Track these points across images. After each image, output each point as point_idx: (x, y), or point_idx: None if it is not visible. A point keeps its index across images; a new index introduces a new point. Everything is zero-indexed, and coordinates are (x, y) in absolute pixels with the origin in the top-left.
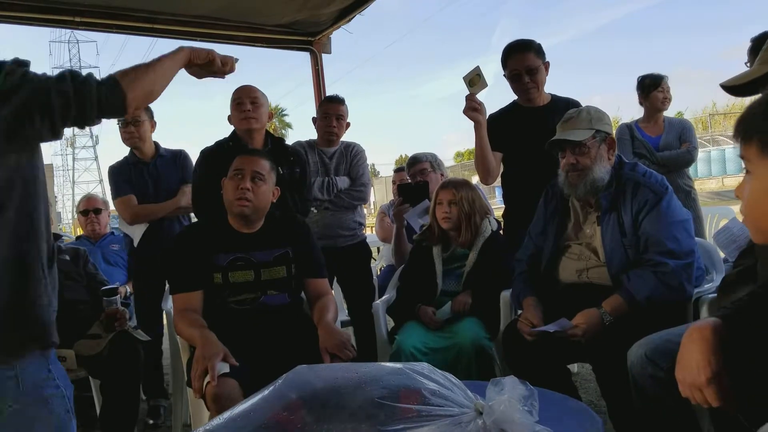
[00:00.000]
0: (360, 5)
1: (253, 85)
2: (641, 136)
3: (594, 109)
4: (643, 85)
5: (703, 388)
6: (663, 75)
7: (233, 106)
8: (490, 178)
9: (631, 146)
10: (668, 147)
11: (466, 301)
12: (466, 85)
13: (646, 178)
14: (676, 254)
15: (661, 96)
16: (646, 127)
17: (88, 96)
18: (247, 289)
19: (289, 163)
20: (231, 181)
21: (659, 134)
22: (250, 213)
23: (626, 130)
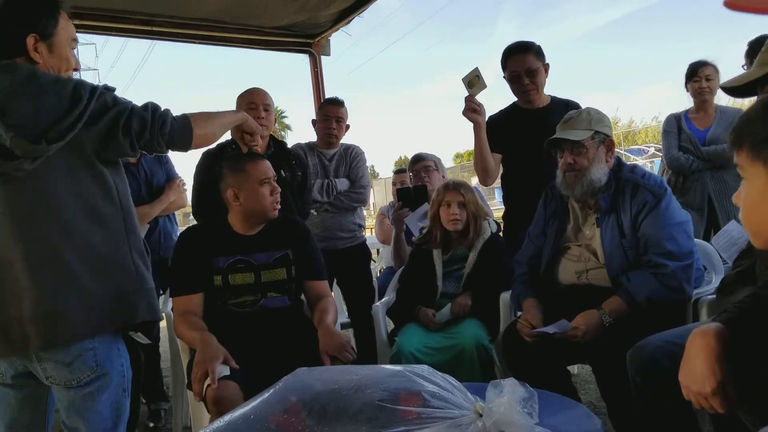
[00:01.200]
0: (359, 7)
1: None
2: (688, 128)
3: (594, 110)
4: (686, 74)
5: (709, 397)
6: (704, 61)
7: (244, 108)
8: (489, 179)
9: (678, 139)
10: (715, 140)
11: (466, 303)
12: (465, 87)
13: (645, 179)
14: (676, 255)
15: (698, 86)
16: (696, 118)
17: (162, 125)
18: (247, 292)
19: (291, 166)
20: (263, 187)
21: (708, 126)
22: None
23: (673, 122)
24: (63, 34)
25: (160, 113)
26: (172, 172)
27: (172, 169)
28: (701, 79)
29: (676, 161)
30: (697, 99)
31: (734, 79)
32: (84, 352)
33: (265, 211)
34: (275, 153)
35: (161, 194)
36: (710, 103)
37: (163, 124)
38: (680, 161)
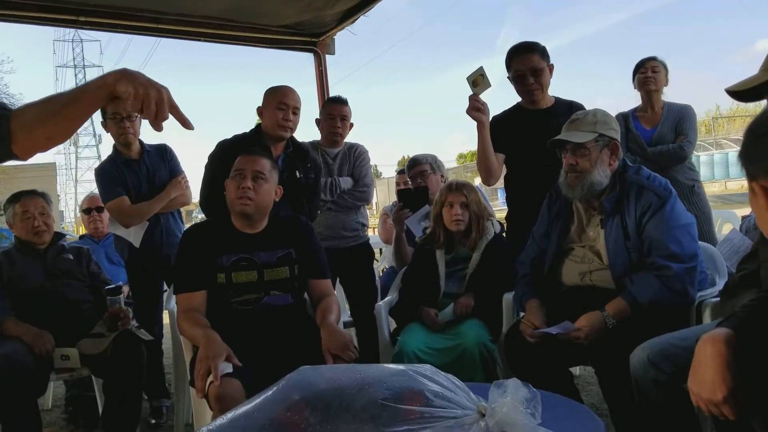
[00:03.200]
0: (364, 6)
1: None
2: (635, 128)
3: (602, 112)
4: (633, 71)
5: (720, 404)
6: (653, 57)
7: (273, 106)
8: (492, 179)
9: (625, 139)
10: (662, 140)
11: (469, 304)
12: (470, 86)
13: (650, 181)
14: (680, 258)
15: (643, 77)
16: (643, 116)
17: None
18: (250, 290)
19: (306, 168)
20: (232, 180)
21: (655, 125)
22: (252, 212)
23: (621, 121)
24: None
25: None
26: (176, 168)
27: (176, 165)
28: (647, 70)
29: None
30: (642, 90)
31: (740, 83)
32: None
33: (230, 205)
34: (293, 153)
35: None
36: (657, 98)
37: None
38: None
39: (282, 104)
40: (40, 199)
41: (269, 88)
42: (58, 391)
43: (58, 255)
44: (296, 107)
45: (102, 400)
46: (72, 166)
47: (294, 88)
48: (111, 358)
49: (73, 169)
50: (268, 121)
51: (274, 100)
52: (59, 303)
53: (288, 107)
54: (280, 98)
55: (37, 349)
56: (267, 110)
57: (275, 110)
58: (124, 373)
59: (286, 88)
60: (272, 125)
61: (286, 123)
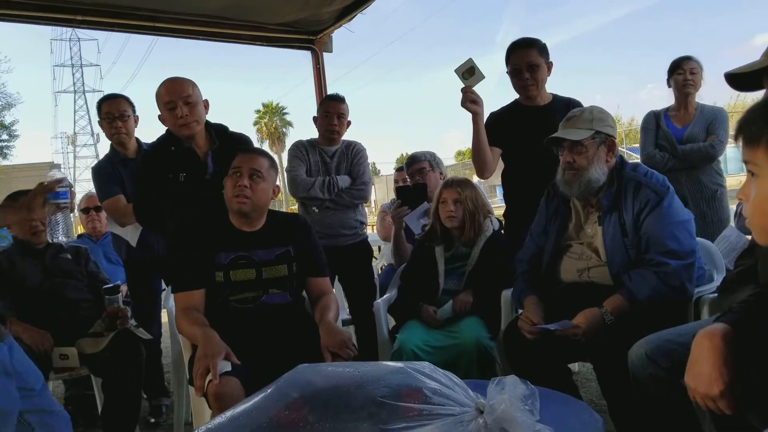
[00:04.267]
0: (361, 4)
1: (184, 77)
2: (666, 125)
3: (598, 109)
4: (669, 69)
5: (717, 399)
6: (689, 56)
7: (164, 108)
8: (487, 172)
9: (655, 137)
10: (693, 139)
11: (468, 301)
12: (460, 78)
13: (648, 178)
14: (678, 254)
15: (682, 78)
16: (675, 115)
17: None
18: (248, 288)
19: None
20: (230, 179)
21: (687, 124)
22: (248, 210)
23: (652, 119)
24: None
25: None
26: None
27: None
28: (685, 71)
29: (651, 159)
30: (680, 93)
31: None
32: None
33: (227, 204)
34: (220, 148)
35: None
36: (692, 99)
37: None
38: (655, 159)
39: (169, 103)
40: None
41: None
42: (57, 390)
43: (57, 255)
44: (186, 95)
45: (101, 399)
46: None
47: (180, 77)
48: (110, 357)
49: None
50: (171, 126)
51: (161, 102)
52: (58, 302)
53: (176, 103)
54: (163, 97)
55: (36, 348)
56: (163, 115)
57: (168, 112)
58: (122, 372)
59: (167, 83)
60: (176, 128)
61: (185, 119)
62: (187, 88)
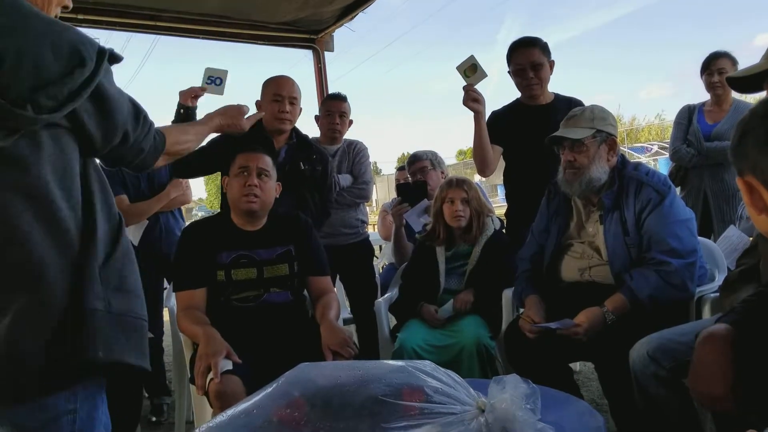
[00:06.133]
0: (362, 3)
1: (289, 77)
2: (698, 121)
3: (599, 108)
4: (701, 67)
5: (720, 399)
6: (719, 52)
7: (269, 98)
8: (488, 170)
9: (685, 131)
10: (720, 137)
11: (469, 300)
12: (462, 75)
13: (649, 177)
14: (679, 253)
15: (709, 80)
16: (710, 111)
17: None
18: (249, 287)
19: (312, 160)
20: (237, 178)
21: (718, 121)
22: (257, 209)
23: (685, 114)
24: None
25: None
26: None
27: None
28: (713, 72)
29: (677, 153)
30: (710, 92)
31: (741, 70)
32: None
33: (234, 203)
34: (296, 145)
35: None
36: (725, 97)
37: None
38: (680, 153)
39: (277, 96)
40: None
41: (265, 80)
42: None
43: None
44: (293, 97)
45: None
46: None
47: (291, 78)
48: None
49: None
50: (267, 115)
51: (270, 92)
52: None
53: (284, 98)
54: (275, 89)
55: None
56: (264, 103)
57: (272, 102)
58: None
59: (281, 79)
60: (270, 118)
61: (283, 115)
62: (296, 91)
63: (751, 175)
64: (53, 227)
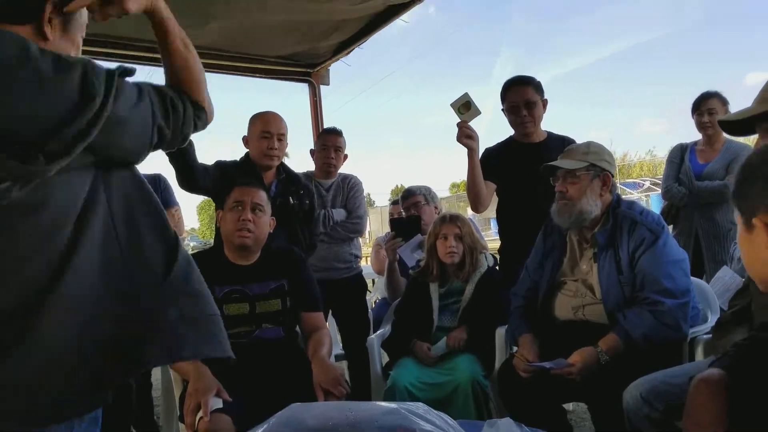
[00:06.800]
0: (359, 38)
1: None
2: (689, 160)
3: (596, 144)
4: (692, 107)
5: None
6: (709, 93)
7: (257, 134)
8: (481, 206)
9: (677, 170)
10: (711, 176)
11: (462, 337)
12: (455, 112)
13: (643, 216)
14: (673, 293)
15: (699, 120)
16: (702, 150)
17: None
18: (241, 323)
19: (299, 195)
20: (231, 212)
21: (709, 161)
22: (251, 244)
23: (678, 152)
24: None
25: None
26: (169, 200)
27: (170, 196)
28: (704, 112)
29: (669, 192)
30: (702, 132)
31: (734, 114)
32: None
33: (228, 237)
34: (285, 180)
35: None
36: (716, 137)
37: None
38: (672, 192)
39: (266, 132)
40: None
41: (252, 116)
42: None
43: None
44: (281, 134)
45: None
46: None
47: (278, 114)
48: None
49: None
50: (255, 151)
51: (258, 129)
52: None
53: (272, 135)
54: (263, 126)
55: None
56: (252, 139)
57: (260, 139)
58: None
59: (269, 115)
60: (258, 154)
61: (271, 152)
62: (284, 127)
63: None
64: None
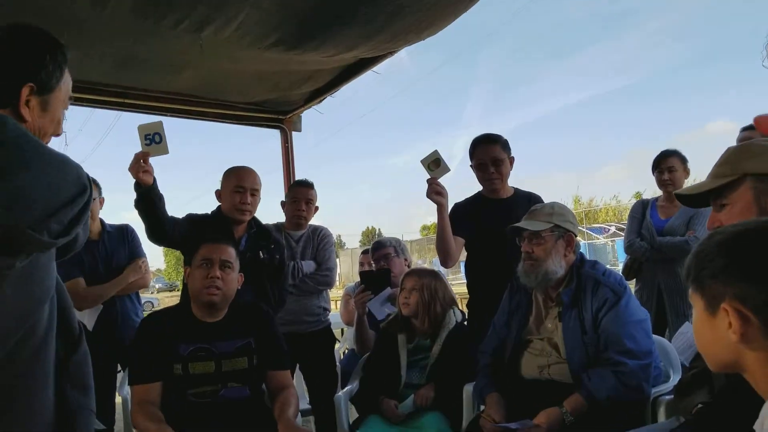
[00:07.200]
0: (331, 88)
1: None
2: (651, 216)
3: (559, 205)
4: (652, 165)
5: None
6: (668, 151)
7: (231, 189)
8: (451, 261)
9: (639, 225)
10: (672, 232)
11: (429, 396)
12: (426, 169)
13: (606, 277)
14: (635, 354)
15: (659, 177)
16: (662, 206)
17: None
18: (207, 381)
19: (270, 249)
20: (199, 270)
21: (670, 217)
22: (219, 301)
23: (639, 208)
24: (63, 90)
25: None
26: (136, 251)
27: (137, 247)
28: (664, 170)
29: (631, 247)
30: (662, 189)
31: (689, 187)
32: None
33: (195, 295)
34: (256, 234)
35: (120, 273)
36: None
37: None
38: (634, 247)
39: (239, 187)
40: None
41: (226, 170)
42: None
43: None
44: (254, 189)
45: None
46: None
47: (252, 169)
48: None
49: None
50: (226, 204)
51: (232, 184)
52: None
53: (245, 190)
54: (236, 182)
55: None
56: (225, 193)
57: (233, 193)
58: None
59: (242, 171)
60: (230, 208)
61: (244, 206)
62: (258, 182)
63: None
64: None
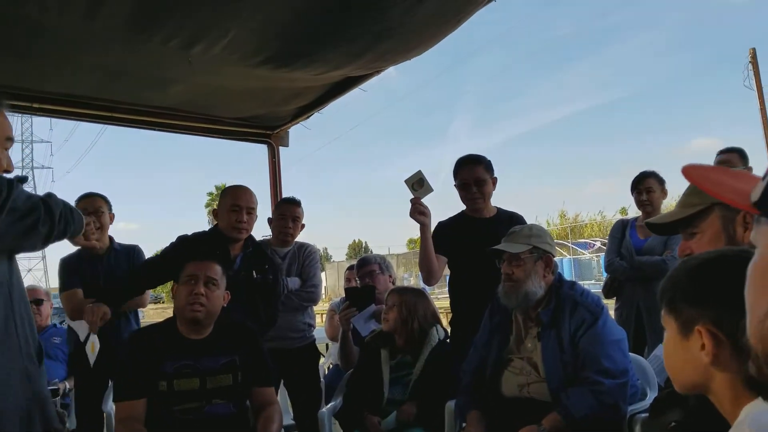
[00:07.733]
0: (319, 104)
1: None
2: (630, 235)
3: (537, 227)
4: (631, 186)
5: None
6: (646, 173)
7: (227, 207)
8: (433, 279)
9: (619, 245)
10: (651, 252)
11: (412, 412)
12: (409, 189)
13: (584, 297)
14: (612, 373)
15: (638, 198)
16: (641, 227)
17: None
18: (191, 398)
19: (264, 270)
20: (184, 286)
21: (648, 236)
22: (202, 318)
23: (619, 228)
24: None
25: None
26: None
27: None
28: (642, 191)
29: (611, 266)
30: (640, 210)
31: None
32: None
33: (180, 311)
34: (252, 254)
35: None
36: (654, 214)
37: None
38: (614, 266)
39: (235, 206)
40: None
41: (224, 189)
42: None
43: None
44: (251, 207)
45: None
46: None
47: (248, 188)
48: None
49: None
50: (223, 223)
51: (228, 203)
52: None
53: (242, 209)
54: (233, 200)
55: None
56: (221, 211)
57: (230, 212)
58: None
59: (240, 190)
60: (227, 227)
61: (240, 225)
62: (254, 201)
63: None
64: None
